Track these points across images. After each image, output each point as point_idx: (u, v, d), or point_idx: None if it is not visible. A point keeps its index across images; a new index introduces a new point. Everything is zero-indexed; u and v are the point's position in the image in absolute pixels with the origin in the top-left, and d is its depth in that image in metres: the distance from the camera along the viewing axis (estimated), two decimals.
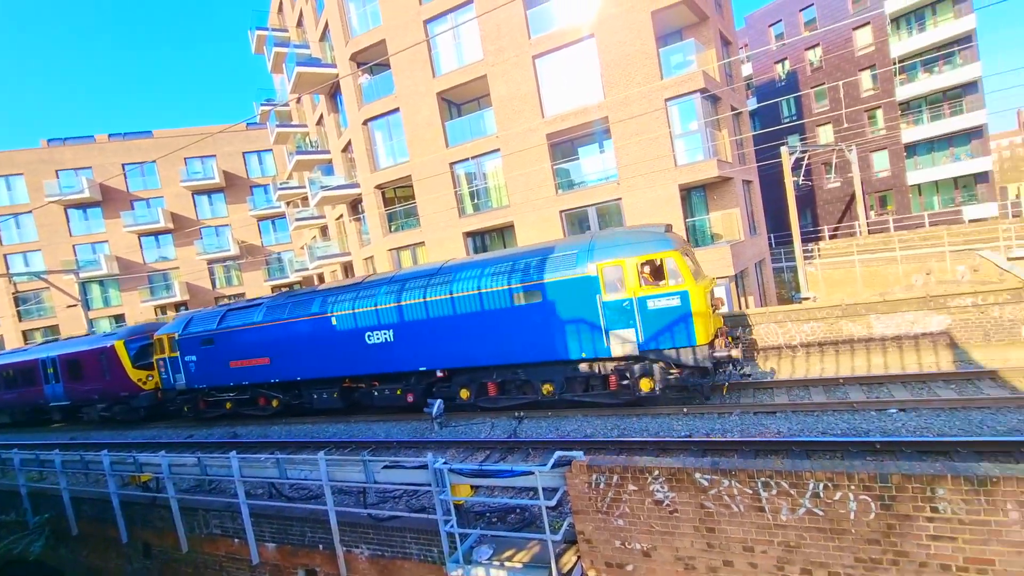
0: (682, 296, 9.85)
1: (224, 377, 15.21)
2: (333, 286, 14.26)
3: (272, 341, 14.23)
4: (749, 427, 9.26)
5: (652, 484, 5.78)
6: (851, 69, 33.70)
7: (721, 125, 19.36)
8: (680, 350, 10.01)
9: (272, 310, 14.49)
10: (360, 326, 12.85)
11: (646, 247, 10.26)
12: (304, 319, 13.73)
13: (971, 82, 31.19)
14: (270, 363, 14.33)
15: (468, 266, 12.03)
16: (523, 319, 11.02)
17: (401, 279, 12.80)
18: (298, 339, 13.84)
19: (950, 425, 8.09)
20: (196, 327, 15.80)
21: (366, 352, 12.85)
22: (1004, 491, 4.47)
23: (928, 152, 33.47)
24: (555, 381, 11.32)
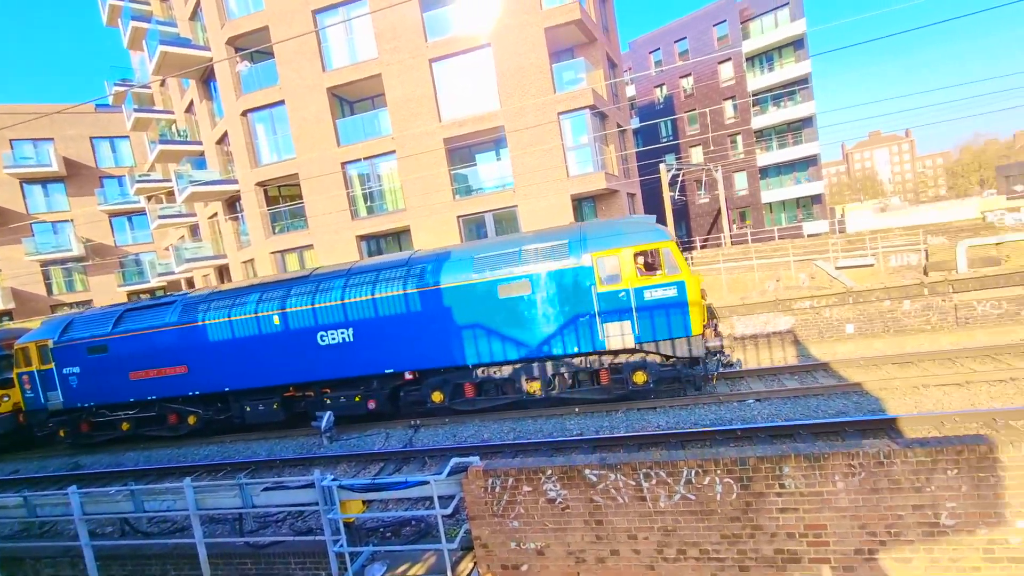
0: (679, 287, 9.79)
1: (121, 392, 12.86)
2: (274, 280, 12.59)
3: (191, 346, 12.23)
4: (633, 423, 9.94)
5: (545, 484, 5.95)
6: (717, 98, 37.93)
7: (608, 141, 20.69)
8: (675, 341, 9.97)
9: (191, 309, 12.41)
10: (311, 325, 11.44)
11: (642, 237, 10.14)
12: (236, 319, 11.87)
13: (808, 117, 36.73)
14: (188, 372, 12.31)
15: (444, 257, 11.10)
16: (510, 313, 10.37)
17: (363, 271, 11.58)
18: (228, 343, 11.99)
19: (794, 411, 9.35)
20: (80, 332, 13.17)
21: (318, 355, 11.47)
22: (833, 465, 5.25)
23: (777, 175, 38.77)
24: (542, 378, 10.79)
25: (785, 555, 5.45)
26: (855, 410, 8.98)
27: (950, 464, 4.98)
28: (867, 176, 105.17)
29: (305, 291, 11.61)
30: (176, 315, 12.47)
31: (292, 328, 11.55)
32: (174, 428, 13.20)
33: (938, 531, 5.08)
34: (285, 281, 12.21)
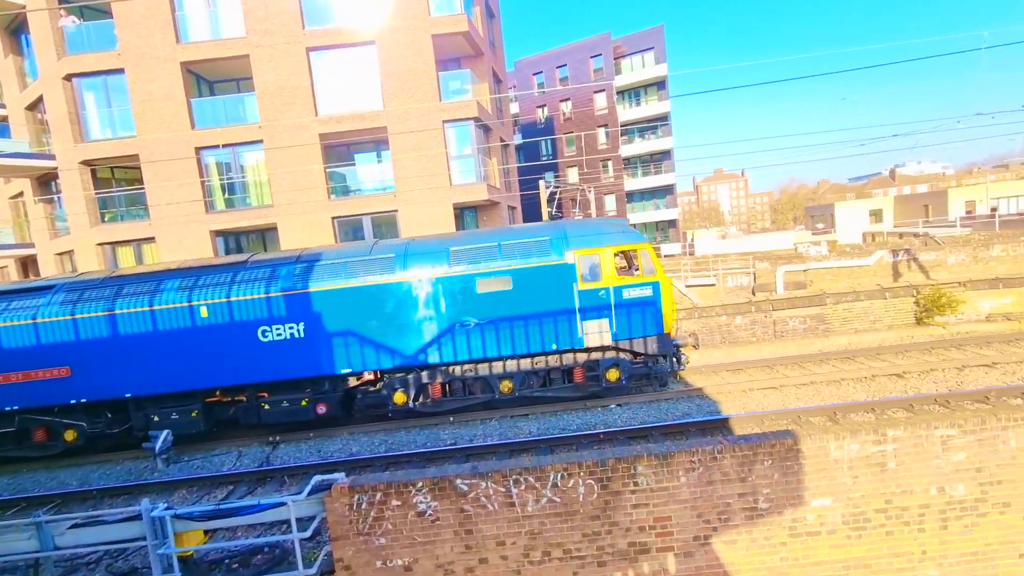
0: (654, 287, 10.25)
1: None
2: (199, 265, 10.84)
3: (77, 343, 10.07)
4: (506, 430, 10.14)
5: (416, 496, 5.79)
6: (592, 125, 40.89)
7: (492, 154, 21.15)
8: (648, 339, 10.40)
9: (78, 297, 10.17)
10: (252, 318, 10.06)
11: (622, 237, 10.43)
12: (146, 310, 10.03)
13: (667, 151, 41.22)
14: (71, 375, 10.14)
15: (417, 246, 10.57)
16: (489, 309, 10.14)
17: (317, 257, 10.50)
18: (132, 339, 10.09)
19: (649, 414, 10.27)
20: None
21: (260, 353, 10.13)
22: (678, 461, 5.84)
23: (641, 200, 42.84)
24: (515, 377, 10.57)
25: (637, 547, 5.92)
26: (697, 412, 10.14)
27: (766, 456, 5.83)
28: (712, 207, 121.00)
29: (245, 279, 10.22)
30: (55, 306, 10.12)
31: (225, 321, 10.08)
32: (43, 447, 10.67)
33: (756, 514, 5.90)
34: (216, 267, 10.63)
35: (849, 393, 10.35)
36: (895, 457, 5.82)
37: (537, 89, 42.86)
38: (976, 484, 5.88)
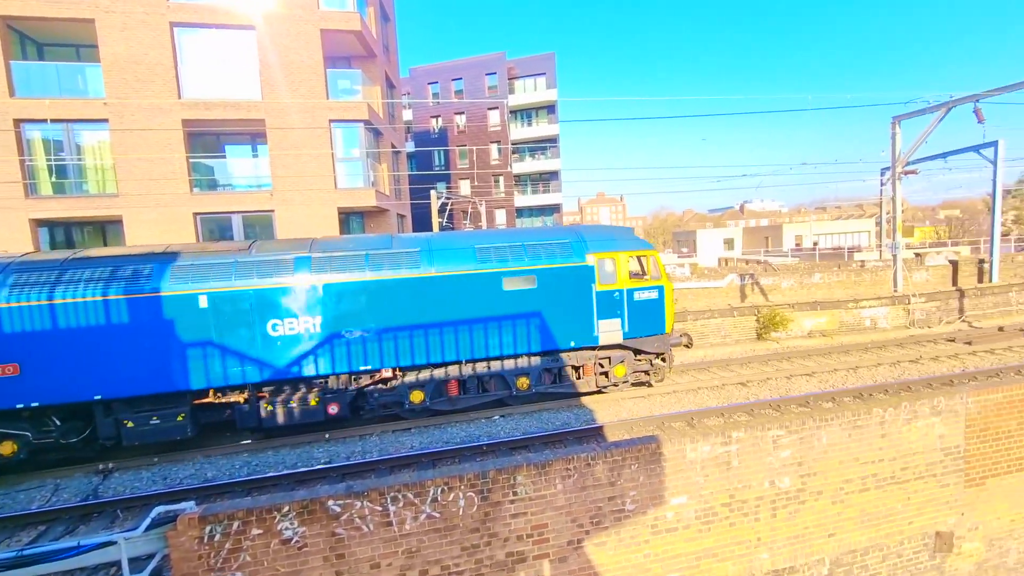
0: (660, 290, 11.14)
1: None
2: (198, 250, 9.73)
3: (31, 336, 8.52)
4: (387, 446, 9.75)
5: (281, 523, 5.30)
6: (485, 140, 41.67)
7: (382, 159, 20.54)
8: (652, 338, 11.23)
9: (34, 280, 8.62)
10: (260, 310, 9.28)
11: (635, 244, 11.25)
12: (125, 298, 8.73)
13: (555, 171, 43.34)
14: (20, 375, 8.53)
15: (437, 242, 10.53)
16: (513, 307, 10.33)
17: (335, 247, 10.03)
18: (107, 331, 8.72)
19: (531, 424, 10.55)
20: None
21: (268, 348, 9.34)
22: (555, 469, 6.05)
23: (530, 216, 44.43)
24: (531, 373, 10.76)
25: (515, 557, 5.99)
26: (576, 421, 10.63)
27: (633, 460, 6.27)
28: None
29: (250, 266, 9.40)
30: (5, 288, 8.47)
31: (228, 313, 9.15)
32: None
33: (624, 515, 6.30)
34: (218, 253, 9.66)
35: (704, 400, 11.57)
36: (737, 456, 6.60)
37: (432, 99, 42.71)
38: (798, 476, 6.88)
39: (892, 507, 7.36)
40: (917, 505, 7.50)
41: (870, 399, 10.45)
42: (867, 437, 7.10)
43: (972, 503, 7.82)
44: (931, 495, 7.56)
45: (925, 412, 7.32)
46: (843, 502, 7.10)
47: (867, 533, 7.31)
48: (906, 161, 19.64)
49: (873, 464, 7.16)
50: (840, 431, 6.98)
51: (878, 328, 18.05)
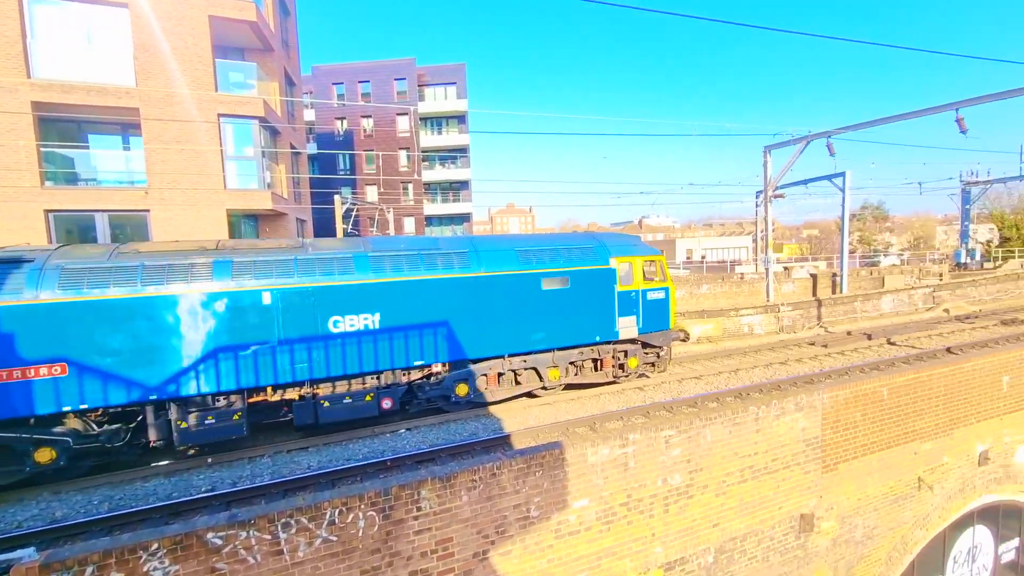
0: (666, 291, 12.54)
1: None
2: (257, 247, 9.67)
3: (79, 334, 7.88)
4: (281, 468, 9.05)
5: (149, 563, 4.69)
6: (394, 146, 40.77)
7: (280, 160, 19.29)
8: (660, 333, 12.53)
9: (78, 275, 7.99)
10: (322, 307, 9.41)
11: (646, 250, 12.58)
12: (186, 294, 8.46)
13: (465, 181, 43.48)
14: (67, 375, 7.85)
15: (481, 244, 11.24)
16: (550, 304, 11.21)
17: (390, 245, 10.51)
18: (165, 330, 8.37)
19: (439, 437, 10.36)
20: None
21: (329, 344, 9.47)
22: (460, 481, 5.97)
23: (440, 225, 44.09)
24: (560, 366, 11.77)
25: (419, 575, 5.81)
26: (483, 430, 10.61)
27: (538, 467, 6.38)
28: None
29: (311, 264, 9.52)
30: (51, 283, 7.90)
31: (291, 309, 9.18)
32: None
33: (528, 522, 6.37)
34: (275, 249, 9.65)
35: (605, 404, 12.12)
36: (634, 457, 6.97)
37: (337, 100, 41.03)
38: (687, 472, 7.41)
39: (765, 495, 8.18)
40: (785, 492, 8.40)
41: (747, 398, 11.56)
42: (744, 433, 7.84)
43: (828, 487, 8.92)
44: (796, 482, 8.51)
45: (791, 408, 8.25)
46: (725, 494, 7.76)
47: (745, 520, 8.05)
48: (775, 186, 22.24)
49: (750, 457, 7.92)
50: (723, 428, 7.64)
51: (754, 334, 20.12)
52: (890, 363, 14.06)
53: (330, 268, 9.67)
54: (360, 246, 10.29)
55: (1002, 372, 11.30)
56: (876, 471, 9.60)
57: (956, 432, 10.72)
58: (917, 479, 10.30)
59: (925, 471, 10.36)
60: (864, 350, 16.34)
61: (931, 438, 10.34)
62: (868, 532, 9.64)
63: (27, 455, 8.04)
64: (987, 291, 26.94)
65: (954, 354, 14.09)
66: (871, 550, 9.71)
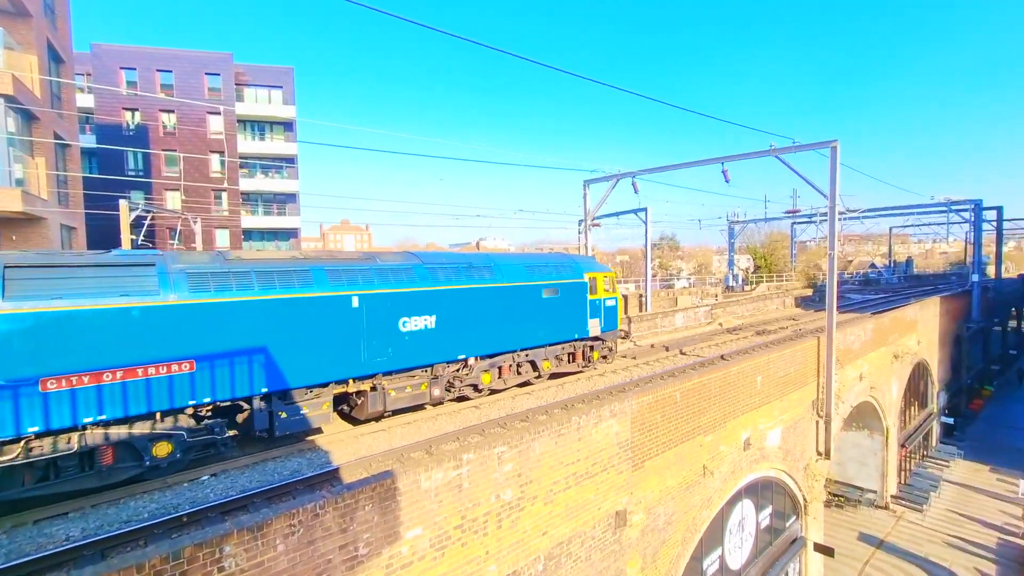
0: (616, 300, 16.73)
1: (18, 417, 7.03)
2: (339, 258, 11.04)
3: (204, 333, 8.66)
4: (23, 544, 6.98)
5: None
6: (204, 148, 35.77)
7: (38, 152, 15.45)
8: (613, 331, 16.55)
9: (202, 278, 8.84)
10: (396, 309, 11.02)
11: (604, 268, 16.55)
12: (288, 298, 9.55)
13: (292, 193, 40.07)
14: (194, 371, 8.56)
15: (498, 260, 13.85)
16: (547, 309, 14.39)
17: (435, 263, 12.41)
18: (271, 329, 9.34)
19: (252, 480, 9.08)
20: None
21: (398, 341, 11.07)
22: (275, 529, 5.27)
23: (261, 239, 39.71)
24: (551, 359, 14.80)
25: None
26: (308, 467, 9.62)
27: (367, 500, 5.96)
28: None
29: (386, 274, 11.15)
30: (180, 286, 8.51)
31: (373, 311, 10.69)
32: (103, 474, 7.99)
33: (356, 562, 5.89)
34: (358, 260, 11.19)
35: (442, 426, 12.01)
36: (468, 478, 6.97)
37: (127, 88, 34.68)
38: (518, 486, 7.66)
39: (587, 498, 8.87)
40: (603, 493, 9.23)
41: (572, 409, 12.53)
42: (568, 442, 8.43)
43: (637, 483, 10.06)
44: (612, 482, 9.41)
45: (606, 415, 9.14)
46: (553, 502, 8.21)
47: (570, 525, 8.61)
48: (593, 216, 24.97)
49: (573, 464, 8.53)
50: (549, 439, 8.10)
51: None
52: (682, 370, 16.60)
53: (399, 277, 11.39)
54: (416, 259, 12.32)
55: (756, 373, 14.15)
56: (673, 464, 11.14)
57: (728, 424, 13.05)
58: (702, 467, 12.24)
59: (708, 460, 12.37)
60: (663, 360, 19.04)
61: (711, 431, 12.40)
62: (668, 519, 11.09)
63: (147, 450, 8.36)
64: (747, 308, 33.81)
65: (726, 360, 17.22)
66: (670, 534, 11.18)
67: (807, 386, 16.92)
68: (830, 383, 17.06)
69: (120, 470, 8.29)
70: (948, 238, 60.28)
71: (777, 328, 26.51)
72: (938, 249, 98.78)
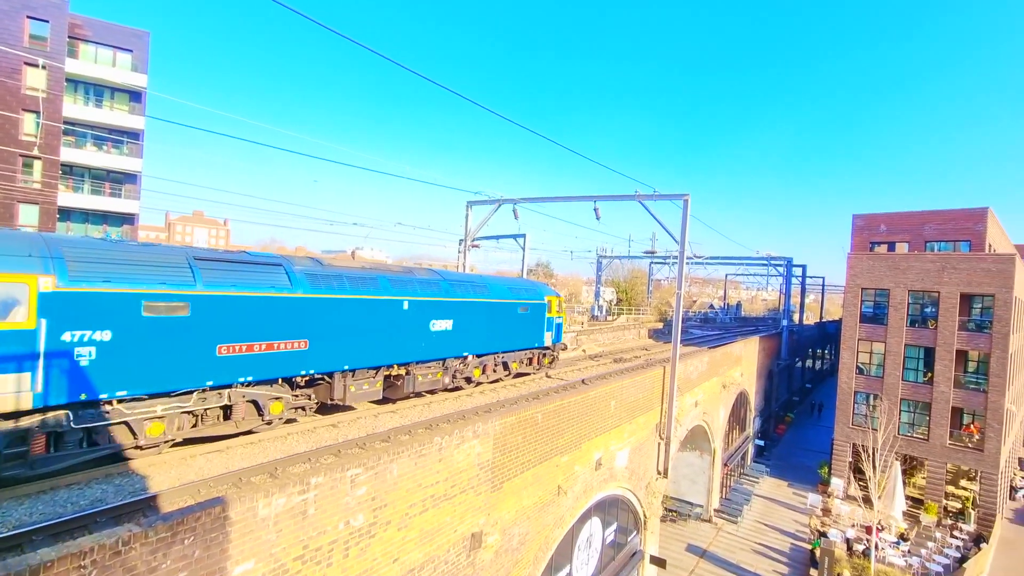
0: (562, 319, 21.24)
1: (193, 372, 9.50)
2: (396, 271, 14.70)
3: (315, 320, 11.54)
4: None
5: None
6: (14, 104, 29.49)
7: None
8: (558, 344, 21.15)
9: (315, 279, 11.82)
10: (427, 313, 14.38)
11: (557, 293, 21.33)
12: (367, 298, 12.69)
13: (134, 173, 34.62)
14: (308, 349, 11.34)
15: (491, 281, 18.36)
16: (520, 323, 18.44)
17: (453, 280, 16.27)
18: (354, 320, 12.38)
19: (34, 512, 7.38)
20: (112, 273, 8.56)
21: (428, 338, 14.44)
22: (56, 572, 4.30)
23: (83, 221, 33.53)
24: (520, 361, 19.15)
25: None
26: (115, 494, 8.10)
27: (188, 533, 5.15)
28: None
29: (424, 284, 14.71)
30: (302, 284, 11.48)
31: (415, 313, 13.96)
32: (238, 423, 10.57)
33: None
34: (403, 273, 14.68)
35: (292, 447, 10.97)
36: (315, 503, 6.40)
37: None
38: (371, 511, 7.23)
39: (443, 521, 8.67)
40: (461, 515, 9.10)
41: (435, 429, 12.30)
42: (429, 463, 8.20)
43: (495, 504, 10.11)
44: (470, 504, 9.34)
45: (469, 436, 9.10)
46: (407, 527, 7.88)
47: (424, 549, 8.32)
48: (473, 236, 25.28)
49: (432, 487, 8.30)
50: (409, 461, 7.81)
51: None
52: (545, 392, 17.28)
53: (432, 288, 14.75)
54: (438, 275, 15.87)
55: (611, 398, 15.24)
56: (531, 485, 11.43)
57: (584, 445, 13.81)
58: (557, 487, 12.74)
59: (563, 479, 12.92)
60: (529, 382, 19.68)
61: (568, 452, 13.00)
62: (522, 539, 11.29)
63: (266, 408, 10.86)
64: (608, 336, 36.51)
65: (586, 384, 18.32)
66: (523, 554, 11.38)
67: (652, 410, 18.65)
68: (671, 408, 19.00)
69: (247, 422, 10.71)
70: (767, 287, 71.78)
71: (632, 357, 28.99)
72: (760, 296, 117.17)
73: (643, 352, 31.88)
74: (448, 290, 15.37)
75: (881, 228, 37.52)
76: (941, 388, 29.55)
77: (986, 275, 28.48)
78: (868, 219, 38.10)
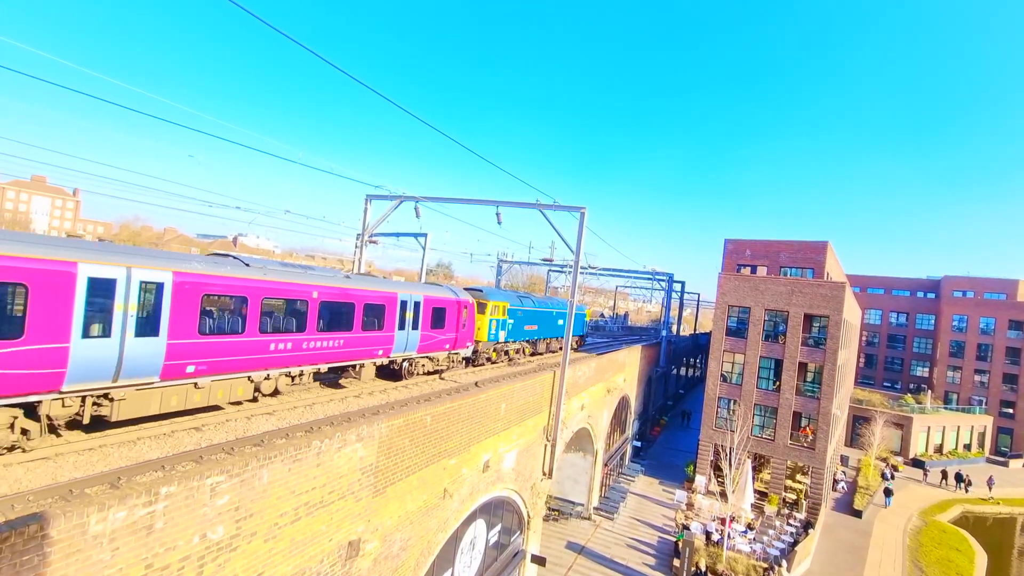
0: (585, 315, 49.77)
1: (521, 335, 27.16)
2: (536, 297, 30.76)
3: (533, 317, 28.34)
4: None
5: None
6: None
7: None
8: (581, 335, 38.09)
9: (513, 303, 26.05)
10: (529, 319, 27.57)
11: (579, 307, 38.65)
12: (534, 311, 28.65)
13: None
14: (536, 329, 28.70)
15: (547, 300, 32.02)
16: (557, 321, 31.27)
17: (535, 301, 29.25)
18: (532, 319, 28.31)
19: None
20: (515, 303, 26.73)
21: (523, 331, 26.99)
22: None
23: None
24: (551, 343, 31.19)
25: None
26: None
27: None
28: (18, 219, 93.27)
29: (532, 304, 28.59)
30: (531, 305, 28.57)
31: (526, 317, 27.26)
32: (512, 361, 27.06)
33: None
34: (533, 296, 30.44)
35: (143, 453, 9.70)
36: (164, 515, 5.70)
37: None
38: (233, 522, 6.60)
39: (318, 530, 8.18)
40: (338, 522, 8.65)
41: (316, 432, 11.60)
42: (305, 469, 7.70)
43: (376, 510, 9.75)
44: (349, 511, 8.91)
45: (352, 439, 8.70)
46: (276, 537, 7.31)
47: (294, 561, 7.78)
48: (372, 232, 24.37)
49: (307, 494, 7.80)
50: (282, 467, 7.26)
51: None
52: (437, 394, 17.08)
53: (530, 304, 28.16)
54: (530, 295, 31.18)
55: (501, 400, 15.47)
56: (415, 489, 11.20)
57: (472, 448, 13.85)
58: (443, 490, 12.63)
59: (449, 482, 12.84)
60: (423, 384, 19.33)
61: (456, 455, 12.95)
62: (404, 544, 11.01)
63: (510, 352, 26.80)
64: None
65: (479, 387, 18.43)
66: (404, 560, 11.10)
67: (541, 413, 19.27)
68: (559, 411, 19.77)
69: (516, 362, 27.11)
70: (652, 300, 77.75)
71: (524, 361, 29.79)
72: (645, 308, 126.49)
73: (536, 357, 32.93)
74: (536, 304, 29.31)
75: (747, 252, 42.44)
76: (786, 395, 34.06)
77: (824, 299, 33.40)
78: (737, 244, 42.90)
